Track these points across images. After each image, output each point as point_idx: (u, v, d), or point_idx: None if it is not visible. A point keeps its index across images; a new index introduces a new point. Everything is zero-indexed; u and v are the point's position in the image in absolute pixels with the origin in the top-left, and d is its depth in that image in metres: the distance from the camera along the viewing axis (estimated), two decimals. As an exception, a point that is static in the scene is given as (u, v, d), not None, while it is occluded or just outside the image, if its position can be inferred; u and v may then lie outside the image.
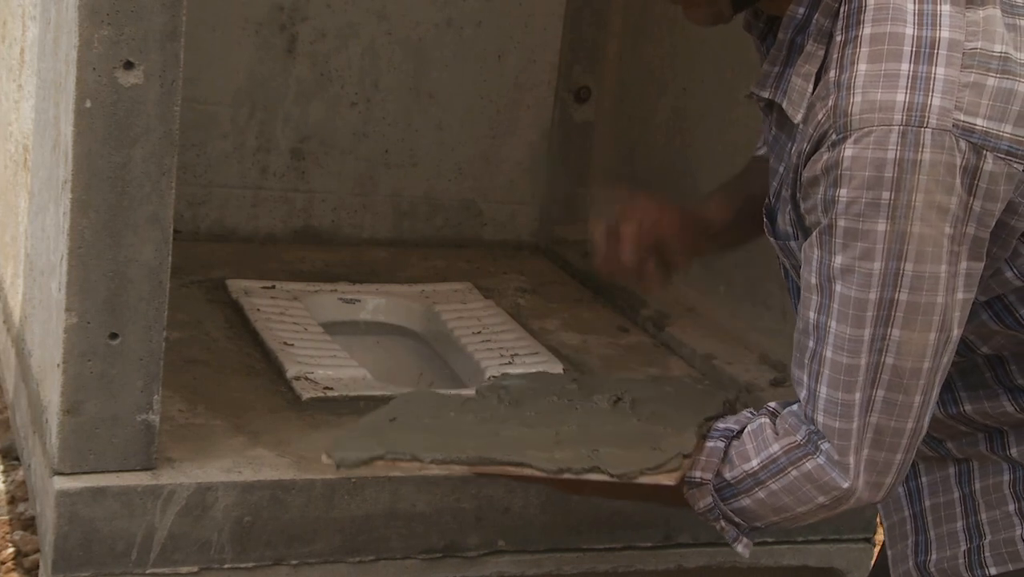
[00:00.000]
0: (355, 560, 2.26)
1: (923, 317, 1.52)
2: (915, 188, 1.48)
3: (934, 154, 1.47)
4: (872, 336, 1.53)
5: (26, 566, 2.47)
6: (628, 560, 2.40)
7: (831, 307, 1.55)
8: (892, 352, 1.53)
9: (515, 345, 2.84)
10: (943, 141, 1.47)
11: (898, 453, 1.57)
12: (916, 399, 1.55)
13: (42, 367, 2.25)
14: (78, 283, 2.05)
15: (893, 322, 1.52)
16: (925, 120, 1.47)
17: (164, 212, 2.06)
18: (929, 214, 1.49)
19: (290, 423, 2.40)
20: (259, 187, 3.41)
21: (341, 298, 3.06)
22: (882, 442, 1.57)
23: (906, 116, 1.48)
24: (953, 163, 1.48)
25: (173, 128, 2.04)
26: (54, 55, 2.18)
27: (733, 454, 1.69)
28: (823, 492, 1.61)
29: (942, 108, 1.48)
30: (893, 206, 1.48)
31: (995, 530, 1.67)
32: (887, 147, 1.48)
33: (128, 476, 2.13)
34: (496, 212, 3.60)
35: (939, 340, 1.53)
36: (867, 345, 1.53)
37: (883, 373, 1.54)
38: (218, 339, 2.75)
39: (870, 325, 1.53)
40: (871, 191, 1.49)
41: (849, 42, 1.53)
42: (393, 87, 3.45)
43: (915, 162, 1.47)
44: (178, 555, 2.16)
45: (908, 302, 1.51)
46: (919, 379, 1.54)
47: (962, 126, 1.48)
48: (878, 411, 1.56)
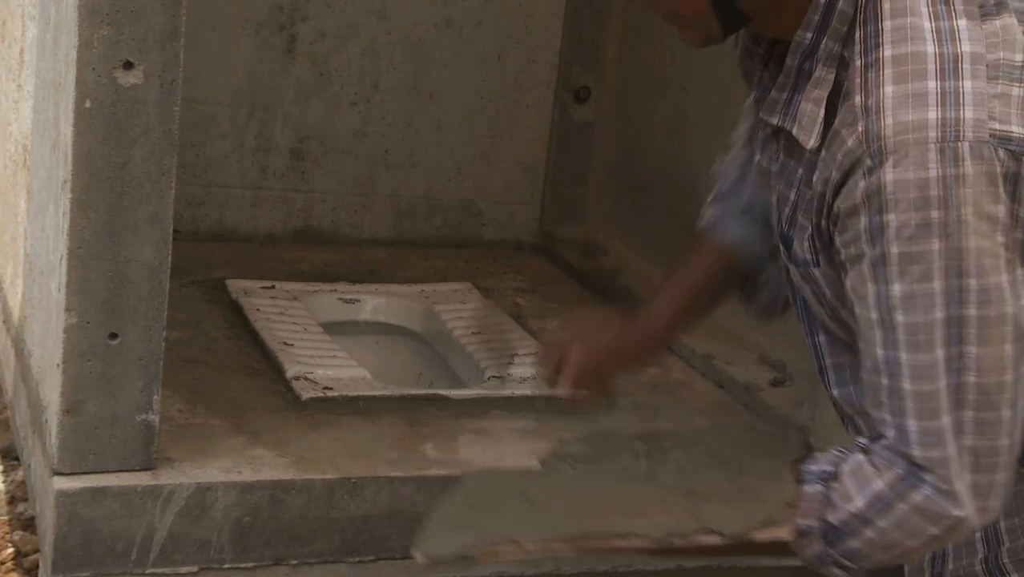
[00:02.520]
0: (355, 560, 2.26)
1: (996, 330, 1.49)
2: (963, 202, 1.46)
3: (975, 166, 1.46)
4: (947, 357, 1.50)
5: (26, 566, 2.47)
6: (628, 560, 2.40)
7: (898, 338, 1.53)
8: (972, 370, 1.50)
9: (514, 345, 2.84)
10: (982, 152, 1.46)
11: (998, 473, 1.54)
12: (1005, 413, 1.52)
13: (42, 367, 2.25)
14: (78, 283, 2.05)
15: (967, 339, 1.49)
16: (961, 134, 1.46)
17: (164, 212, 2.06)
18: (981, 226, 1.47)
19: (290, 423, 2.40)
20: (259, 187, 3.41)
21: (341, 298, 3.06)
22: (981, 464, 1.53)
23: (941, 132, 1.46)
24: (995, 172, 1.47)
25: (173, 128, 2.04)
26: (54, 55, 2.18)
27: (835, 496, 1.62)
28: (935, 523, 1.57)
29: (976, 120, 1.47)
30: (944, 224, 1.46)
31: (1013, 537, 1.65)
32: (928, 166, 1.46)
33: (128, 476, 2.13)
34: (496, 212, 3.60)
35: (1016, 350, 1.50)
36: (943, 367, 1.51)
37: (967, 393, 1.51)
38: (218, 339, 2.75)
39: (942, 346, 1.50)
40: (919, 212, 1.47)
41: (871, 65, 1.52)
42: (393, 87, 3.45)
43: (958, 176, 1.46)
44: (178, 555, 2.16)
45: (979, 317, 1.49)
46: (1004, 393, 1.51)
47: (999, 135, 1.48)
48: (970, 433, 1.52)
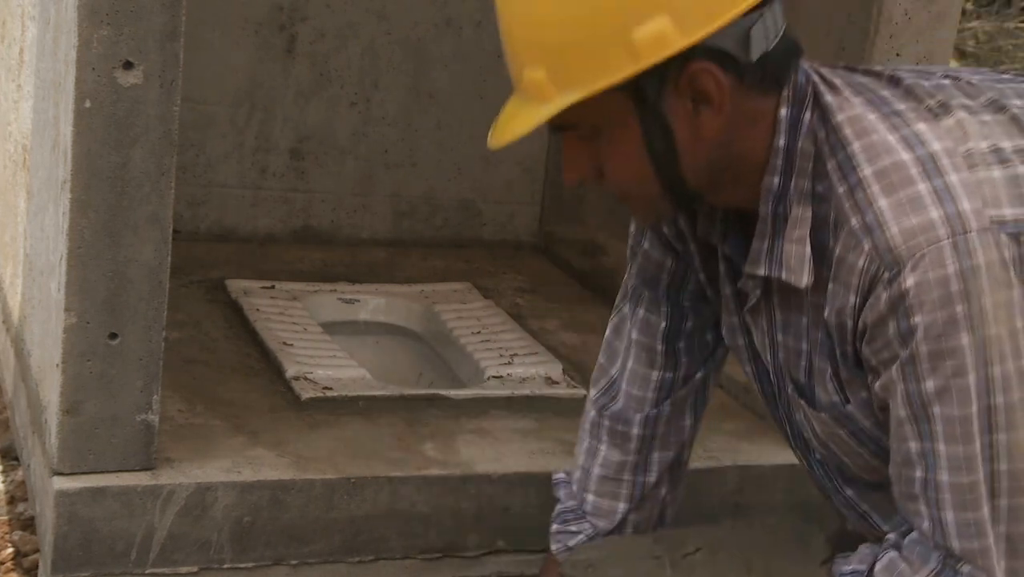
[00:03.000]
0: (354, 560, 2.26)
1: (1020, 415, 1.52)
2: (982, 292, 1.49)
3: (986, 254, 1.49)
4: (982, 446, 1.52)
5: (25, 566, 2.47)
6: None
7: (934, 431, 1.54)
8: (1004, 457, 1.52)
9: (514, 345, 2.85)
10: (988, 239, 1.50)
11: None
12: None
13: (41, 367, 2.25)
14: (77, 283, 2.05)
15: (997, 427, 1.52)
16: (967, 226, 1.49)
17: (163, 212, 2.06)
18: (1000, 313, 1.50)
19: (289, 423, 2.40)
20: (258, 187, 3.41)
21: (340, 298, 3.06)
22: (1016, 550, 1.55)
23: (949, 228, 1.49)
24: (1003, 258, 1.50)
25: (172, 128, 2.04)
26: (53, 55, 2.18)
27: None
28: None
29: (974, 209, 1.50)
30: (970, 316, 1.49)
31: None
32: (945, 263, 1.49)
33: (128, 476, 2.14)
34: (495, 212, 3.61)
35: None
36: (980, 457, 1.52)
37: (1001, 481, 1.53)
38: (217, 339, 2.75)
39: (978, 437, 1.52)
40: (944, 309, 1.49)
41: (855, 187, 1.55)
42: (392, 87, 3.45)
43: (974, 268, 1.49)
44: (178, 555, 2.16)
45: (1006, 404, 1.51)
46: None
47: (995, 220, 1.51)
48: (1004, 520, 1.54)
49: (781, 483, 2.47)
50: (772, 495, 2.47)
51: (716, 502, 2.43)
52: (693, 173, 1.58)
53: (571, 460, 2.39)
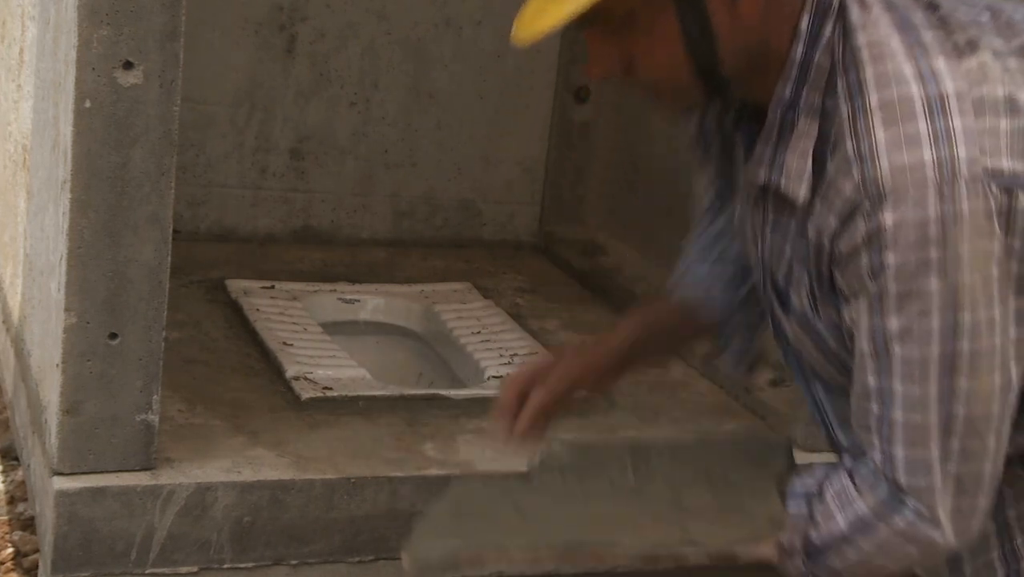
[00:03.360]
0: (354, 560, 2.26)
1: (986, 362, 1.52)
2: (960, 240, 1.49)
3: (972, 203, 1.48)
4: (940, 390, 1.53)
5: (25, 566, 2.47)
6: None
7: (892, 369, 1.55)
8: (962, 402, 1.53)
9: (514, 345, 2.85)
10: (977, 188, 1.49)
11: (980, 497, 1.57)
12: (990, 441, 1.55)
13: (41, 367, 2.25)
14: (77, 283, 2.05)
15: (959, 373, 1.52)
16: (957, 172, 1.48)
17: (163, 212, 2.06)
18: (976, 262, 1.49)
19: (289, 423, 2.40)
20: (258, 187, 3.41)
21: (340, 298, 3.06)
22: (964, 489, 1.56)
23: (938, 172, 1.48)
24: (989, 208, 1.49)
25: (172, 128, 2.04)
26: (53, 55, 2.18)
27: (818, 516, 1.66)
28: (916, 546, 1.60)
29: (970, 157, 1.49)
30: (944, 262, 1.49)
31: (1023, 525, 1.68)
32: (927, 206, 1.48)
33: (127, 476, 2.13)
34: (495, 212, 3.61)
35: (1002, 381, 1.53)
36: (936, 400, 1.53)
37: (956, 424, 1.54)
38: (217, 339, 2.75)
39: (936, 380, 1.53)
40: (918, 252, 1.49)
41: (858, 112, 1.54)
42: (392, 87, 3.45)
43: (956, 215, 1.48)
44: (178, 555, 2.16)
45: (971, 351, 1.52)
46: (991, 422, 1.54)
47: (991, 171, 1.49)
48: (956, 460, 1.55)
49: (781, 483, 2.47)
50: (772, 495, 2.46)
51: (716, 502, 2.43)
52: (728, 57, 1.57)
53: (571, 460, 2.39)
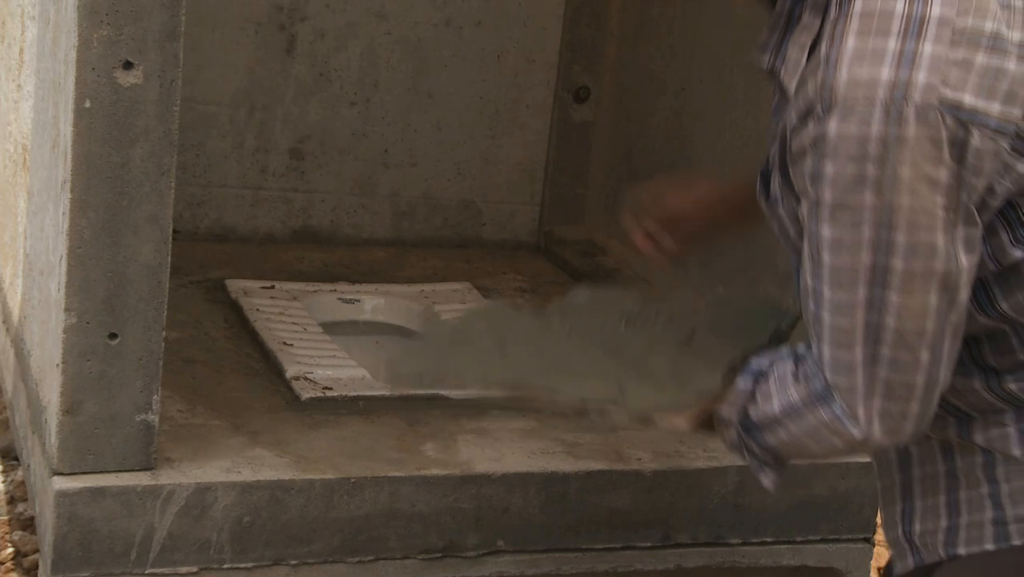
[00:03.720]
0: (354, 560, 2.26)
1: (922, 283, 1.54)
2: (900, 162, 1.50)
3: (919, 129, 1.49)
4: (868, 298, 1.56)
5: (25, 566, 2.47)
6: (627, 560, 2.40)
7: (822, 274, 1.58)
8: (891, 314, 1.55)
9: (514, 345, 2.84)
10: (927, 116, 1.49)
11: (912, 403, 1.60)
12: (923, 356, 1.57)
13: (41, 367, 2.25)
14: (77, 283, 2.05)
15: (889, 286, 1.54)
16: (909, 96, 1.49)
17: (163, 212, 2.06)
18: (919, 187, 1.50)
19: (289, 423, 2.40)
20: (258, 187, 3.41)
21: (340, 298, 3.05)
22: (894, 394, 1.59)
23: (889, 92, 1.49)
24: (939, 137, 1.49)
25: (172, 128, 2.04)
26: (53, 55, 2.18)
27: (759, 394, 1.73)
28: (839, 438, 1.65)
29: (927, 84, 1.49)
30: (878, 180, 1.51)
31: (970, 510, 1.69)
32: (870, 123, 1.49)
33: (127, 476, 2.13)
34: (495, 212, 3.60)
35: (942, 301, 1.55)
36: (862, 307, 1.56)
37: (884, 333, 1.56)
38: (217, 339, 2.75)
39: (864, 288, 1.55)
40: (856, 166, 1.51)
41: (840, 17, 1.55)
42: (392, 87, 3.45)
43: (899, 138, 1.49)
44: (177, 555, 2.16)
45: (904, 270, 1.53)
46: (923, 337, 1.56)
47: (948, 102, 1.49)
48: (885, 367, 1.58)
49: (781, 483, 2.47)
50: (772, 495, 2.46)
51: (716, 502, 2.44)
52: None
53: (571, 460, 2.39)
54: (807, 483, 2.49)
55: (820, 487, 2.49)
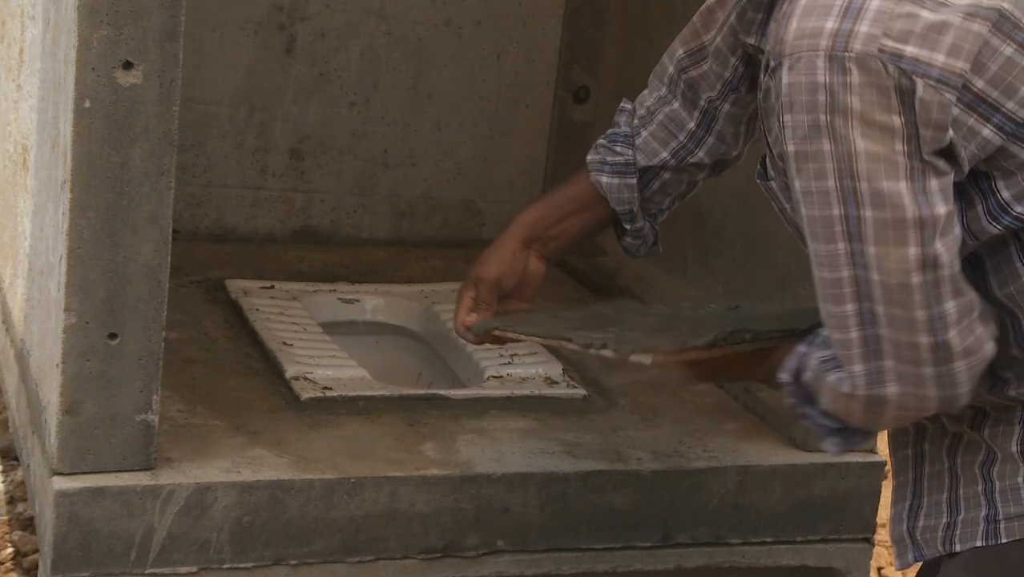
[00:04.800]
0: (354, 560, 2.26)
1: (894, 233, 1.55)
2: (849, 109, 1.53)
3: (862, 77, 1.52)
4: (848, 251, 1.57)
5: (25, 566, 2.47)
6: (627, 560, 2.40)
7: (805, 230, 1.61)
8: (873, 268, 1.57)
9: (514, 345, 2.84)
10: (868, 64, 1.52)
11: (926, 367, 1.59)
12: (918, 313, 1.57)
13: (41, 367, 2.25)
14: (77, 283, 2.05)
15: (865, 239, 1.56)
16: (850, 45, 1.52)
17: (163, 212, 2.06)
18: (871, 132, 1.53)
19: (289, 423, 2.40)
20: (258, 187, 3.41)
21: (340, 298, 3.05)
22: (902, 355, 1.59)
23: (832, 41, 1.53)
24: (884, 84, 1.52)
25: (172, 128, 2.04)
26: (53, 55, 2.18)
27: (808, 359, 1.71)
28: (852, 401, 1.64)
29: (868, 34, 1.52)
30: (832, 127, 1.53)
31: (967, 507, 1.69)
32: (816, 72, 1.53)
33: (127, 476, 2.13)
34: (495, 212, 3.60)
35: (922, 255, 1.55)
36: (845, 259, 1.58)
37: (872, 288, 1.57)
38: (217, 339, 2.75)
39: (843, 240, 1.57)
40: (810, 114, 1.54)
41: None
42: (392, 87, 3.45)
43: (845, 84, 1.53)
44: (177, 555, 2.16)
45: (873, 219, 1.55)
46: (912, 294, 1.56)
47: (889, 51, 1.52)
48: (884, 325, 1.58)
49: (781, 483, 2.47)
50: (772, 495, 2.47)
51: (716, 502, 2.44)
52: None
53: (571, 460, 2.39)
54: (807, 483, 2.49)
55: (820, 487, 2.49)
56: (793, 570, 2.55)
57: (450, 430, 2.46)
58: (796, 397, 1.74)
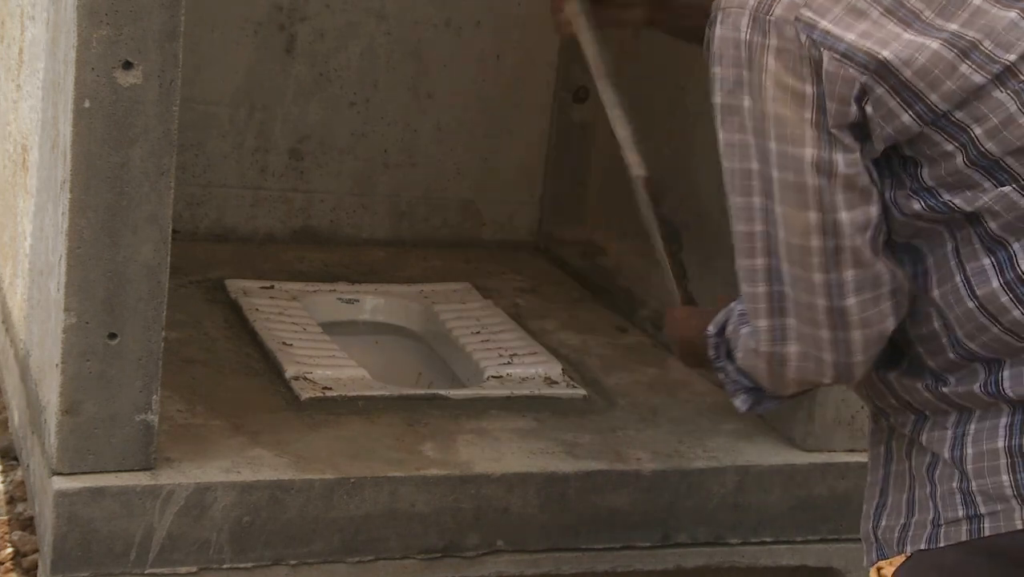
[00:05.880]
0: (354, 560, 2.26)
1: (796, 195, 1.61)
2: (764, 69, 1.60)
3: (779, 41, 1.59)
4: (761, 206, 1.64)
5: (25, 566, 2.47)
6: (626, 560, 2.40)
7: (727, 181, 1.67)
8: (779, 225, 1.63)
9: (514, 345, 2.84)
10: (784, 30, 1.59)
11: (822, 329, 1.64)
12: (815, 276, 1.62)
13: (41, 367, 2.25)
14: (77, 283, 2.05)
15: (772, 196, 1.62)
16: (771, 9, 1.60)
17: (163, 212, 2.06)
18: (782, 95, 1.59)
19: (289, 423, 2.40)
20: (258, 187, 3.41)
21: (340, 298, 3.06)
22: (802, 315, 1.65)
23: (758, 2, 1.61)
24: (799, 53, 1.58)
25: (172, 128, 2.04)
26: (53, 55, 2.18)
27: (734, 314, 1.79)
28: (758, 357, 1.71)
29: (790, 2, 1.59)
30: (751, 84, 1.61)
31: (919, 509, 1.70)
32: (740, 29, 1.62)
33: (127, 476, 2.14)
34: (495, 212, 3.60)
35: (822, 220, 1.61)
36: (758, 214, 1.64)
37: (778, 245, 1.64)
38: (217, 339, 2.75)
39: (757, 194, 1.64)
40: (734, 68, 1.63)
41: None
42: (392, 87, 3.45)
43: (763, 46, 1.60)
44: (177, 555, 2.16)
45: (780, 179, 1.61)
46: (811, 256, 1.62)
47: (805, 20, 1.58)
48: (788, 283, 1.64)
49: (781, 483, 2.47)
50: (772, 495, 2.47)
51: (716, 502, 2.44)
52: None
53: (570, 460, 2.39)
54: (807, 483, 2.49)
55: (820, 487, 2.49)
56: (793, 570, 2.55)
57: (450, 430, 2.46)
58: (716, 350, 1.81)
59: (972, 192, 1.60)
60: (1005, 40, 1.59)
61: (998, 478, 1.61)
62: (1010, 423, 1.61)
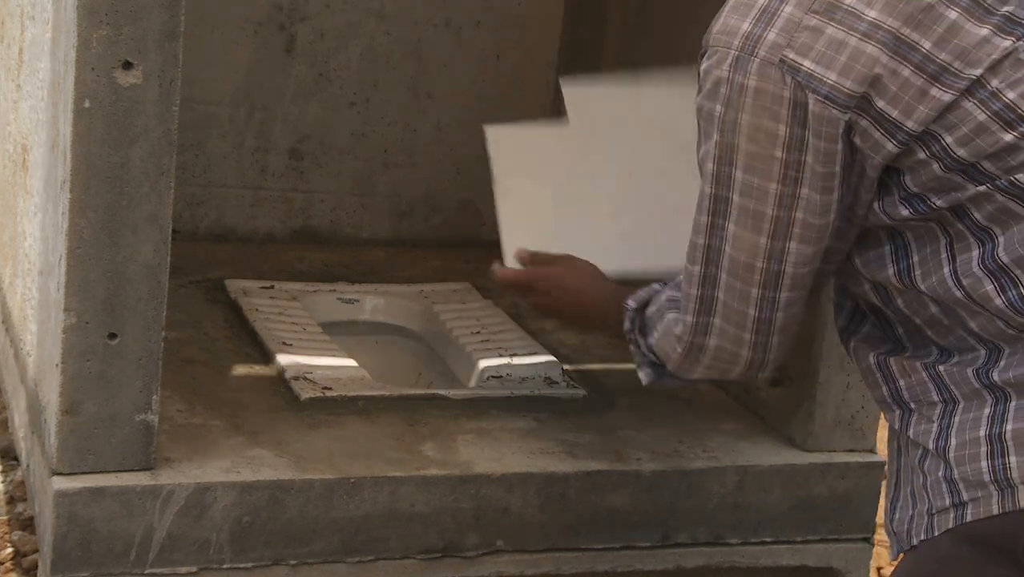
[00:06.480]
0: (354, 560, 2.26)
1: (753, 221, 1.72)
2: (741, 108, 1.67)
3: (760, 82, 1.65)
4: (711, 224, 1.76)
5: (24, 566, 2.48)
6: (626, 560, 2.40)
7: None
8: (729, 243, 1.75)
9: (514, 345, 2.84)
10: (768, 73, 1.64)
11: (747, 332, 1.80)
12: (754, 291, 1.76)
13: (41, 367, 2.25)
14: (77, 283, 2.05)
15: (728, 217, 1.74)
16: (755, 51, 1.65)
17: (163, 212, 2.06)
18: (756, 135, 1.67)
19: (289, 423, 2.40)
20: (258, 187, 3.41)
21: (340, 298, 3.06)
22: (730, 318, 1.80)
23: (742, 43, 1.66)
24: (780, 94, 1.64)
25: (172, 128, 2.04)
26: (52, 55, 2.18)
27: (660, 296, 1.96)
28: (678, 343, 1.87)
29: (774, 43, 1.64)
30: (723, 120, 1.69)
31: (919, 501, 1.73)
32: (723, 67, 1.67)
33: (127, 476, 2.14)
34: (495, 212, 3.60)
35: (773, 247, 1.72)
36: (707, 230, 1.76)
37: (723, 259, 1.76)
38: (217, 339, 2.75)
39: (707, 215, 1.76)
40: (711, 102, 1.70)
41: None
42: (392, 87, 3.45)
43: (743, 86, 1.66)
44: (177, 555, 2.16)
45: (739, 204, 1.72)
46: (754, 274, 1.75)
47: (789, 63, 1.64)
48: (723, 290, 1.78)
49: (780, 483, 2.47)
50: (771, 495, 2.47)
51: (716, 502, 2.44)
52: None
53: (570, 461, 2.39)
54: (807, 483, 2.49)
55: (820, 487, 2.49)
56: (793, 570, 2.55)
57: (450, 430, 2.46)
58: (633, 324, 1.99)
59: (956, 193, 1.65)
60: (974, 58, 1.62)
61: (978, 465, 1.64)
62: (992, 413, 1.65)
